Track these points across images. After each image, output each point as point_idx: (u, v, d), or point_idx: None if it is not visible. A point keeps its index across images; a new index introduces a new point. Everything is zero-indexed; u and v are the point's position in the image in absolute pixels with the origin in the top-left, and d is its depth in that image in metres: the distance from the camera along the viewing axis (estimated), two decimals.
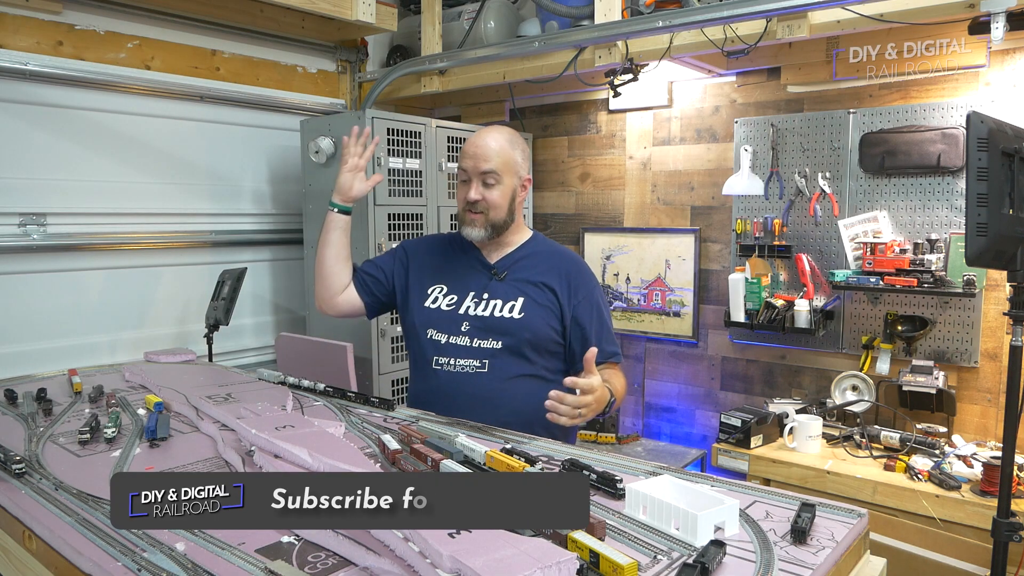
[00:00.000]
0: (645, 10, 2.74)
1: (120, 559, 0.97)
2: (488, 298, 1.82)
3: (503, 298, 1.82)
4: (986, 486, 2.18)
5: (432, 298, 1.88)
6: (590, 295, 1.85)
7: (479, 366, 1.79)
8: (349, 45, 3.73)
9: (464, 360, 1.80)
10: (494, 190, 1.81)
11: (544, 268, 1.86)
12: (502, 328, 1.79)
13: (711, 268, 3.31)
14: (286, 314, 3.55)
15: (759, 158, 3.05)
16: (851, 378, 2.80)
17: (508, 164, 1.82)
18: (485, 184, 1.80)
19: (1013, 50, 2.53)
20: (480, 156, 1.80)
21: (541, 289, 1.83)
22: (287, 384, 1.98)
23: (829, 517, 1.13)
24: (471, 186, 1.81)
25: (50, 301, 2.76)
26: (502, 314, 1.79)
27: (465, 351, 1.80)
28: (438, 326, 1.84)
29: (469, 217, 1.83)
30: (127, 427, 1.58)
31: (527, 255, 1.90)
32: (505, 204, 1.83)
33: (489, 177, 1.80)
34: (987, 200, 1.66)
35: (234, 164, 3.33)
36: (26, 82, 2.63)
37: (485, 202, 1.80)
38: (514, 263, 1.88)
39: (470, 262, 1.91)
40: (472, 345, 1.80)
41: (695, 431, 3.40)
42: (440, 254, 1.96)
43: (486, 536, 0.93)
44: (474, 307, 1.83)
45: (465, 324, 1.82)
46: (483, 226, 1.82)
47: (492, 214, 1.82)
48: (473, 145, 1.82)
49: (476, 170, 1.80)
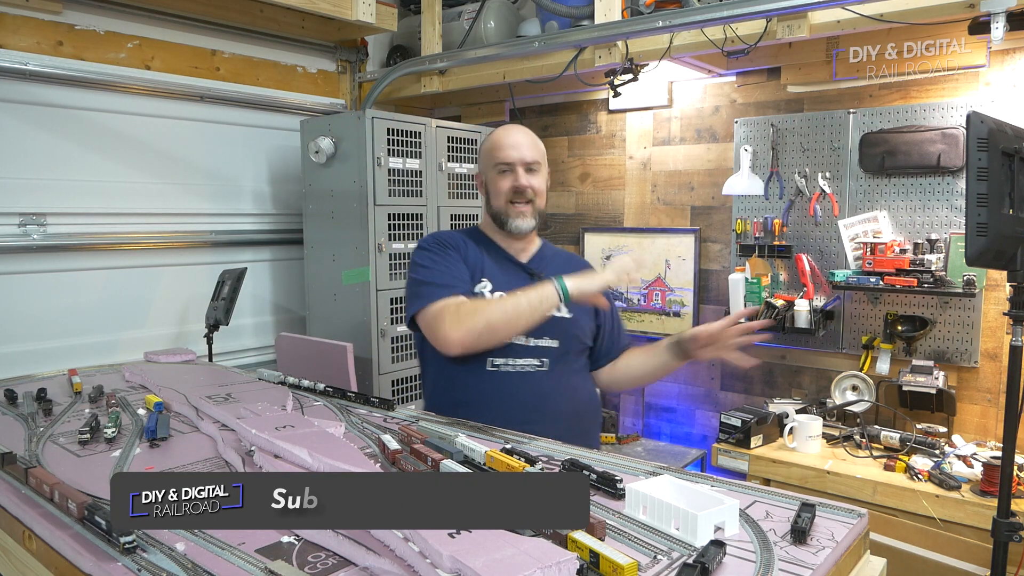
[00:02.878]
0: (645, 10, 2.74)
1: (120, 559, 0.97)
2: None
3: None
4: (986, 486, 2.18)
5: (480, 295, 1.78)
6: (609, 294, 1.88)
7: (539, 365, 1.75)
8: (349, 45, 3.73)
9: (523, 360, 1.74)
10: (538, 178, 1.82)
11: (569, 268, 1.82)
12: (555, 327, 1.76)
13: (711, 268, 3.31)
14: (286, 314, 3.55)
15: (759, 158, 3.05)
16: (851, 378, 2.80)
17: (543, 154, 1.86)
18: (530, 172, 1.80)
19: (1013, 50, 2.53)
20: (523, 145, 1.80)
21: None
22: (287, 384, 1.97)
23: (829, 517, 1.13)
24: (516, 175, 1.78)
25: (50, 301, 2.76)
26: (557, 313, 1.76)
27: (524, 350, 1.74)
28: None
29: (516, 209, 1.79)
30: (127, 427, 1.58)
31: (551, 255, 1.93)
32: (545, 193, 1.86)
33: (534, 166, 1.80)
34: (987, 200, 1.66)
35: (234, 164, 3.33)
36: (26, 82, 2.64)
37: (533, 190, 1.80)
38: (544, 261, 1.88)
39: (502, 261, 1.85)
40: (529, 344, 1.74)
41: (695, 431, 3.40)
42: (473, 251, 1.86)
43: (486, 536, 0.93)
44: None
45: None
46: (532, 215, 1.81)
47: (539, 202, 1.83)
48: (511, 137, 1.81)
49: (522, 160, 1.79)
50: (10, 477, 1.24)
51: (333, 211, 3.08)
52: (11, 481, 1.24)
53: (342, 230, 3.03)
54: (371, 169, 2.91)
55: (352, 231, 2.98)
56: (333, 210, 3.08)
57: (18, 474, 1.23)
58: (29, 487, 1.18)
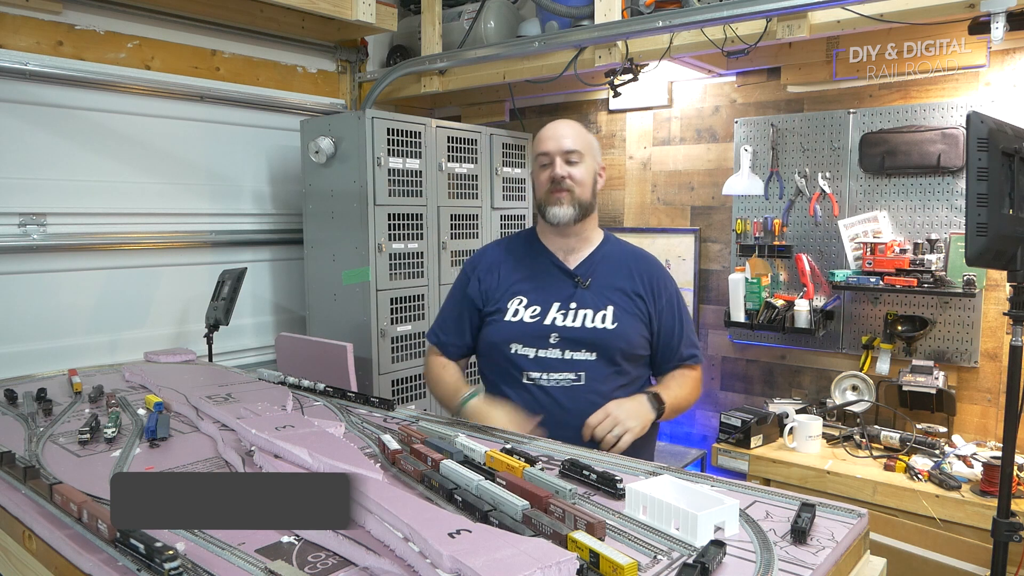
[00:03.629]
0: (645, 10, 2.74)
1: (120, 559, 0.97)
2: (576, 308, 1.76)
3: (593, 307, 1.76)
4: (986, 486, 2.18)
5: (512, 311, 1.80)
6: (672, 298, 1.83)
7: (574, 379, 1.73)
8: (349, 45, 3.73)
9: (558, 374, 1.73)
10: (578, 167, 1.78)
11: (626, 272, 1.81)
12: (594, 339, 1.73)
13: (711, 268, 3.31)
14: (286, 314, 3.55)
15: (759, 158, 3.05)
16: (851, 378, 2.80)
17: (588, 146, 1.82)
18: (568, 162, 1.78)
19: (1013, 50, 2.53)
20: (561, 136, 1.78)
21: (629, 296, 1.78)
22: (287, 384, 1.97)
23: (829, 517, 1.13)
24: (554, 166, 1.77)
25: (50, 301, 2.76)
26: (594, 324, 1.73)
27: (558, 364, 1.73)
28: (523, 340, 1.76)
29: (554, 196, 1.77)
30: (127, 427, 1.58)
31: (604, 257, 1.84)
32: (589, 183, 1.80)
33: (572, 155, 1.78)
34: (987, 200, 1.66)
35: (234, 164, 3.33)
36: (26, 82, 2.64)
37: (571, 179, 1.77)
38: (594, 268, 1.82)
39: (547, 268, 1.83)
40: (564, 357, 1.73)
41: (695, 431, 3.40)
42: (512, 263, 1.88)
43: (486, 536, 0.93)
44: (562, 318, 1.75)
45: (554, 336, 1.74)
46: (570, 203, 1.77)
47: (578, 191, 1.78)
48: (551, 129, 1.81)
49: (560, 149, 1.77)
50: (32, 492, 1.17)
51: (333, 211, 3.08)
52: (11, 481, 1.24)
53: (342, 230, 3.03)
54: (371, 169, 2.91)
55: (352, 231, 2.98)
56: (333, 210, 3.08)
57: (42, 490, 1.16)
58: (54, 504, 1.12)
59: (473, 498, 1.11)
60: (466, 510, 1.09)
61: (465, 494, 1.13)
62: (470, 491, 1.14)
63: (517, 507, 1.05)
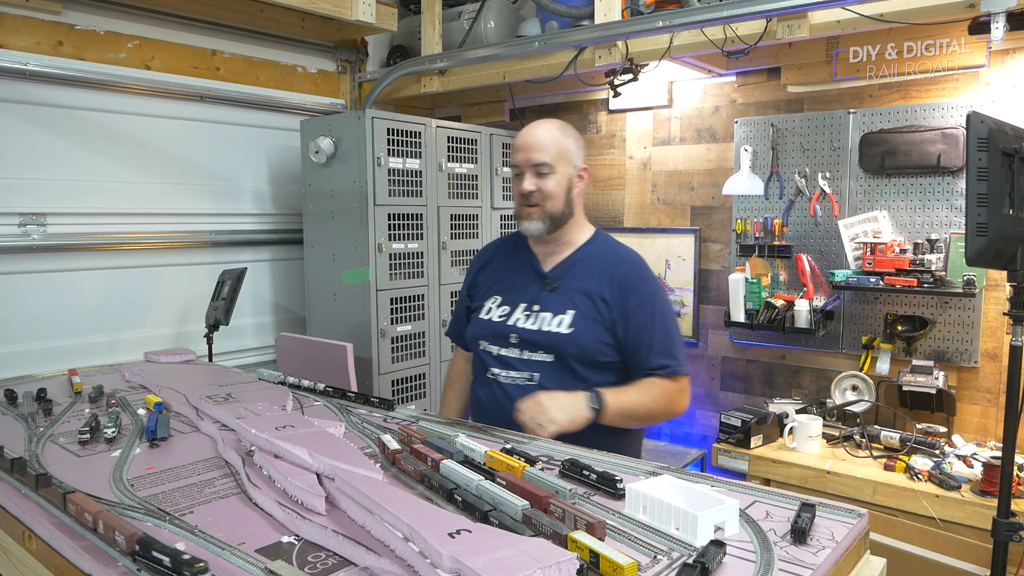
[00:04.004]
0: (645, 10, 2.74)
1: (120, 559, 0.97)
2: (538, 310, 1.76)
3: (553, 311, 1.75)
4: (986, 486, 2.18)
5: (486, 309, 1.85)
6: (645, 303, 1.73)
7: (528, 378, 1.75)
8: (349, 45, 3.73)
9: (515, 372, 1.76)
10: (548, 180, 1.75)
11: (597, 275, 1.77)
12: (550, 343, 1.73)
13: (711, 268, 3.31)
14: (286, 314, 3.55)
15: (759, 158, 3.05)
16: (851, 378, 2.80)
17: (561, 153, 1.77)
18: (539, 175, 1.75)
19: (1013, 50, 2.53)
20: (531, 147, 1.76)
21: (592, 300, 1.74)
22: (287, 384, 1.97)
23: (829, 517, 1.13)
24: (524, 179, 1.77)
25: (50, 301, 2.76)
26: (550, 328, 1.73)
27: (516, 363, 1.77)
28: (489, 338, 1.82)
29: (525, 211, 1.78)
30: (127, 427, 1.58)
31: (583, 259, 1.82)
32: (561, 194, 1.77)
33: (542, 168, 1.75)
34: (987, 200, 1.66)
35: (234, 164, 3.33)
36: (26, 82, 2.63)
37: (540, 193, 1.75)
38: (568, 270, 1.81)
39: (524, 270, 1.85)
40: (522, 357, 1.76)
41: (695, 431, 3.40)
42: (500, 262, 1.93)
43: (486, 536, 0.93)
44: (523, 319, 1.77)
45: (514, 336, 1.77)
46: (540, 218, 1.77)
47: (548, 205, 1.76)
48: (523, 138, 1.79)
49: (528, 162, 1.76)
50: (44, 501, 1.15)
51: (333, 211, 3.08)
52: (11, 481, 1.24)
53: (342, 230, 3.03)
54: (371, 169, 2.91)
55: (352, 231, 2.98)
56: (333, 210, 3.08)
57: (55, 499, 1.12)
58: (68, 515, 1.08)
59: (473, 498, 1.11)
60: (466, 510, 1.09)
61: (465, 494, 1.13)
62: (470, 491, 1.14)
63: (517, 507, 1.05)
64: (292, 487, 1.17)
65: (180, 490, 1.23)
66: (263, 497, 1.16)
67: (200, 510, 1.15)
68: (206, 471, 1.33)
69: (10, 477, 1.19)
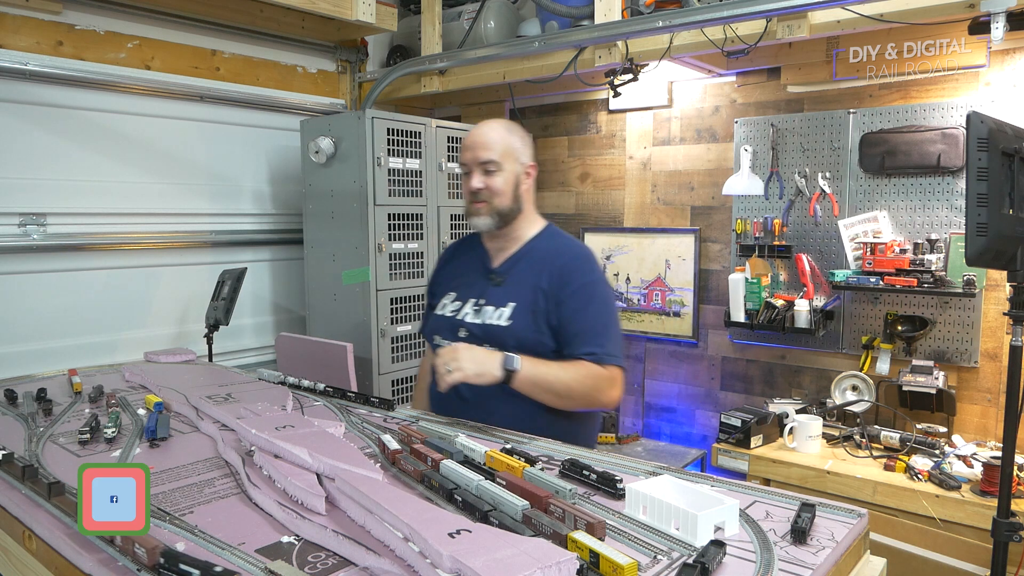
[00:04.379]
0: (645, 10, 2.74)
1: (120, 559, 0.97)
2: (483, 305, 1.82)
3: (495, 304, 1.81)
4: (986, 486, 2.18)
5: (442, 305, 1.91)
6: (581, 289, 1.75)
7: None
8: (349, 45, 3.73)
9: None
10: (495, 177, 1.81)
11: (540, 268, 1.81)
12: (492, 336, 1.77)
13: (711, 268, 3.31)
14: (286, 314, 3.55)
15: (759, 158, 3.05)
16: (851, 378, 2.80)
17: (507, 151, 1.82)
18: (486, 172, 1.81)
19: (1013, 50, 2.53)
20: (478, 146, 1.81)
21: (533, 292, 1.77)
22: (287, 384, 1.97)
23: (829, 517, 1.13)
24: (472, 177, 1.82)
25: (50, 301, 2.76)
26: (491, 322, 1.79)
27: None
28: (442, 332, 1.87)
29: (474, 207, 1.83)
30: (127, 427, 1.58)
31: (529, 252, 1.86)
32: (509, 191, 1.82)
33: (489, 165, 1.81)
34: (987, 200, 1.66)
35: (234, 164, 3.33)
36: (26, 82, 2.63)
37: (488, 190, 1.81)
38: (515, 264, 1.85)
39: (476, 267, 1.91)
40: None
41: (695, 431, 3.40)
42: (458, 260, 1.99)
43: (486, 536, 0.93)
44: (472, 314, 1.83)
45: (462, 331, 1.83)
46: (488, 214, 1.82)
47: (496, 201, 1.81)
48: (471, 137, 1.84)
49: (475, 160, 1.81)
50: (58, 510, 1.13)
51: (333, 211, 3.08)
52: (11, 481, 1.24)
53: (342, 230, 3.03)
54: (371, 169, 2.91)
55: (352, 231, 2.98)
56: (333, 210, 3.08)
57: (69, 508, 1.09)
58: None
59: (473, 498, 1.11)
60: (466, 510, 1.09)
61: (465, 494, 1.13)
62: (470, 491, 1.14)
63: (517, 507, 1.05)
64: (292, 487, 1.17)
65: (180, 490, 1.23)
66: (263, 497, 1.16)
67: (200, 510, 1.15)
68: (206, 471, 1.33)
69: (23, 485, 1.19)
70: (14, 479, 1.24)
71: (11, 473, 1.25)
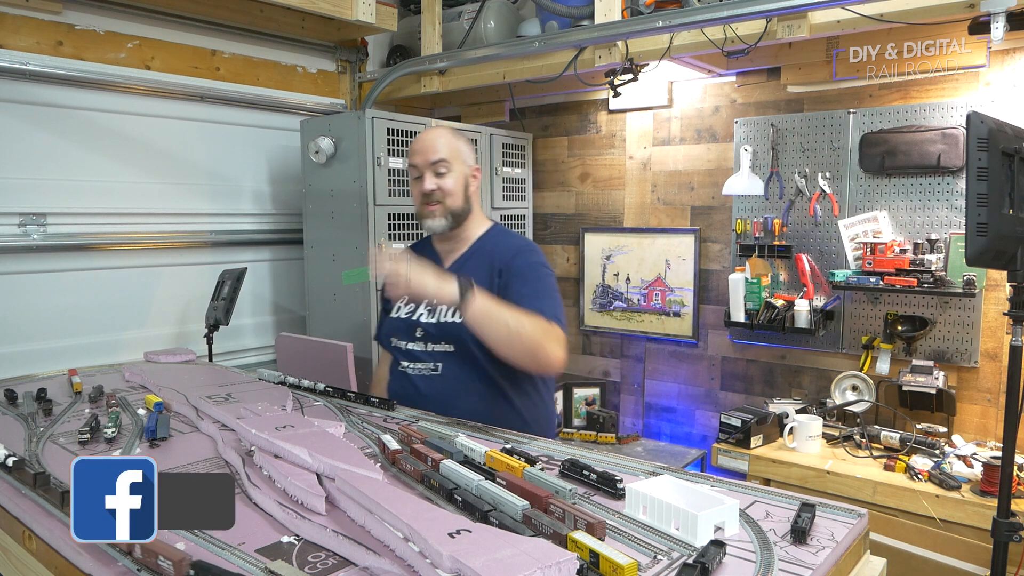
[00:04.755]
0: (645, 10, 2.74)
1: (120, 559, 0.97)
2: (437, 304, 1.86)
3: None
4: (986, 486, 2.18)
5: (396, 308, 1.97)
6: (527, 267, 1.80)
7: (433, 368, 1.86)
8: (349, 45, 3.73)
9: (421, 364, 1.88)
10: (447, 178, 1.86)
11: (488, 264, 1.87)
12: (449, 332, 1.83)
13: (711, 268, 3.31)
14: (286, 314, 3.55)
15: (759, 158, 3.05)
16: (851, 378, 2.80)
17: (456, 153, 1.88)
18: (437, 174, 1.85)
19: (1013, 50, 2.53)
20: (428, 149, 1.86)
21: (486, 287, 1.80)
22: (287, 384, 1.98)
23: (829, 517, 1.13)
24: (424, 180, 1.86)
25: (50, 301, 2.76)
26: (447, 319, 1.84)
27: (422, 355, 1.88)
28: (398, 334, 1.94)
29: (427, 210, 1.88)
30: (127, 427, 1.58)
31: (478, 251, 1.93)
32: (460, 191, 1.88)
33: (440, 166, 1.85)
34: (987, 200, 1.66)
35: (234, 164, 3.32)
36: (26, 82, 2.63)
37: (441, 191, 1.86)
38: (465, 263, 1.91)
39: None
40: (427, 350, 1.88)
41: (695, 431, 3.40)
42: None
43: (486, 536, 0.93)
44: (427, 314, 1.88)
45: (419, 330, 1.89)
46: (443, 215, 1.87)
47: (449, 201, 1.87)
48: (419, 142, 1.90)
49: (427, 162, 1.86)
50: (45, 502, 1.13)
51: (333, 211, 3.08)
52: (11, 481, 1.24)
53: (342, 230, 3.03)
54: (371, 169, 2.91)
55: (352, 231, 2.98)
56: (333, 210, 3.08)
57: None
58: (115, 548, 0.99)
59: (473, 498, 1.11)
60: (466, 510, 1.10)
61: (465, 494, 1.13)
62: (470, 491, 1.14)
63: (517, 507, 1.05)
64: (292, 487, 1.17)
65: None
66: (263, 497, 1.16)
67: None
68: (206, 471, 1.33)
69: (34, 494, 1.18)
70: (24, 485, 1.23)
71: (22, 480, 1.24)
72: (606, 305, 3.58)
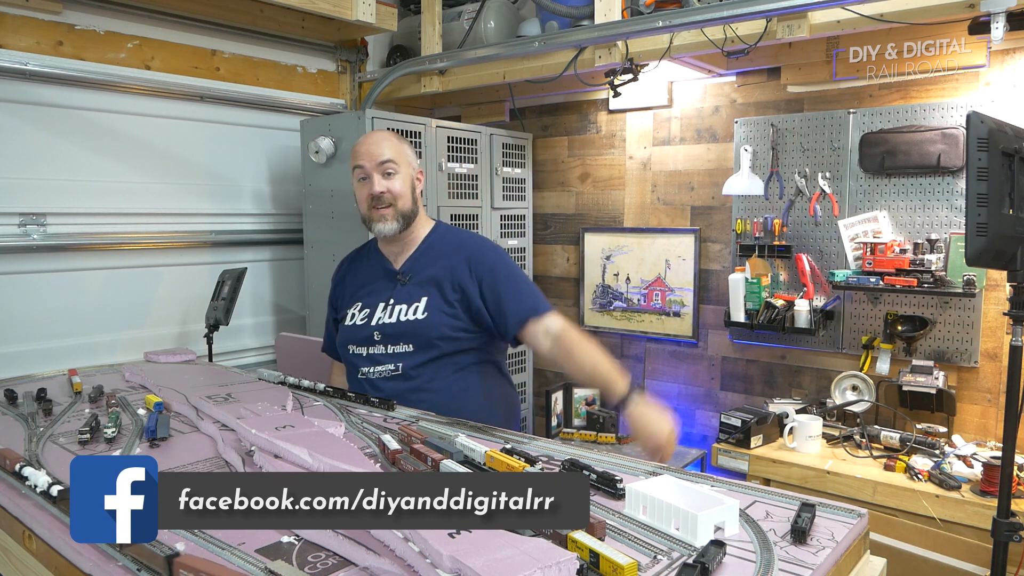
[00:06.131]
0: (645, 10, 2.74)
1: (120, 559, 0.97)
2: (394, 304, 1.87)
3: (407, 301, 1.87)
4: (986, 486, 2.18)
5: (350, 316, 1.96)
6: (494, 266, 1.86)
7: (393, 368, 1.87)
8: (349, 45, 3.73)
9: (382, 366, 1.88)
10: (395, 179, 1.86)
11: (445, 261, 1.88)
12: (409, 331, 1.84)
13: (711, 268, 3.31)
14: (286, 314, 3.55)
15: (759, 158, 3.05)
16: (851, 378, 2.80)
17: (401, 154, 1.89)
18: (386, 175, 1.85)
19: (1013, 50, 2.53)
20: (374, 149, 1.86)
21: (441, 285, 1.86)
22: (287, 384, 1.97)
23: (829, 517, 1.13)
24: (372, 181, 1.85)
25: (50, 301, 2.76)
26: (406, 317, 1.85)
27: (382, 358, 1.88)
28: (356, 342, 1.93)
29: (377, 213, 1.87)
30: (127, 427, 1.58)
31: (428, 249, 1.94)
32: (408, 192, 1.88)
33: (388, 166, 1.84)
34: (987, 200, 1.66)
35: (234, 164, 3.33)
36: (26, 82, 2.63)
37: (391, 193, 1.85)
38: (416, 262, 1.92)
39: (378, 273, 1.97)
40: (387, 351, 1.88)
41: (695, 431, 3.40)
42: (356, 271, 2.04)
43: (486, 536, 0.93)
44: (384, 316, 1.88)
45: (377, 334, 1.89)
46: (394, 218, 1.87)
47: (400, 204, 1.87)
48: (363, 144, 1.89)
49: (374, 163, 1.85)
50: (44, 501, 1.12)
51: (333, 211, 3.08)
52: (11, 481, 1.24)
53: (342, 230, 3.03)
54: None
55: (352, 231, 2.98)
56: (333, 210, 3.08)
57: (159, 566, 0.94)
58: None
59: None
60: None
61: None
62: None
63: None
64: None
65: None
66: None
67: None
68: (206, 471, 1.33)
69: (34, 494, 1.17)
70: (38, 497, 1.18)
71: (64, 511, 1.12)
72: (606, 305, 3.59)
